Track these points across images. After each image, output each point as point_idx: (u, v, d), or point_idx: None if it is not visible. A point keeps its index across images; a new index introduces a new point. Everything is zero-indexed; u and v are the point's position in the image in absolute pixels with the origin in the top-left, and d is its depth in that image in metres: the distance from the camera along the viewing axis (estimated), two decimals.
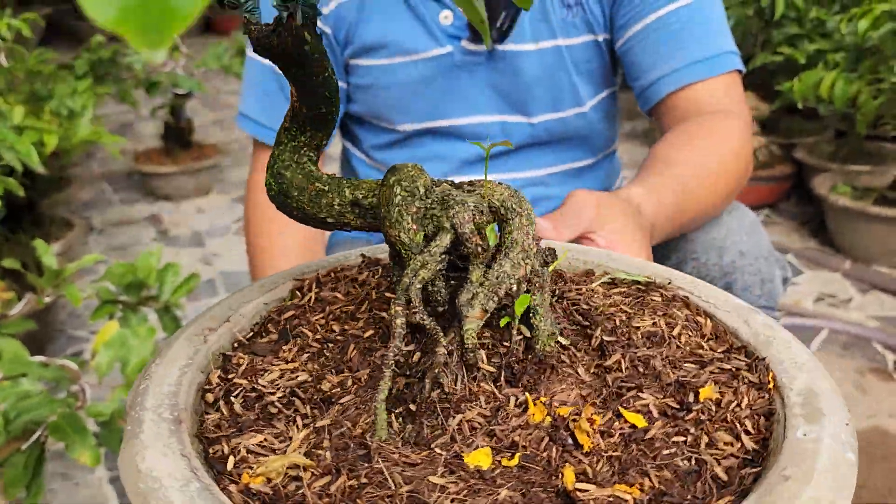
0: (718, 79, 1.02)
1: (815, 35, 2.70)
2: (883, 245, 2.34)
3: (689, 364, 0.48)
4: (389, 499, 0.37)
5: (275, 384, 0.48)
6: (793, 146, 2.92)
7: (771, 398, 0.44)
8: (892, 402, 1.76)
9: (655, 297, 0.57)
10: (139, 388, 0.46)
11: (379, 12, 1.07)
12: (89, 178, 3.50)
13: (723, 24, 1.05)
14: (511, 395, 0.45)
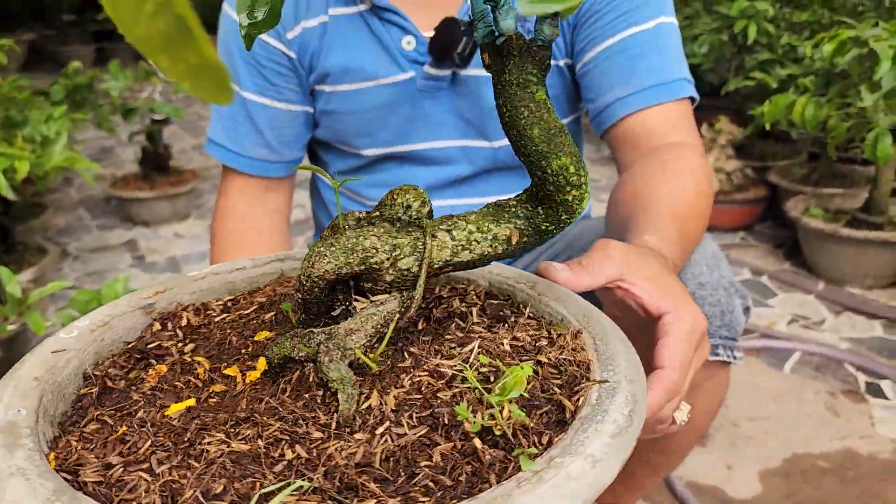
0: (673, 105, 1.03)
1: (787, 60, 2.74)
2: (854, 267, 2.36)
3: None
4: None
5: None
6: (766, 169, 2.96)
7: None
8: (863, 423, 1.77)
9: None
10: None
11: (341, 38, 1.08)
12: (67, 205, 3.48)
13: (679, 52, 1.06)
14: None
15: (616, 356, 0.51)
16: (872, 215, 2.36)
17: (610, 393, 0.47)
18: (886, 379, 1.93)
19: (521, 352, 0.53)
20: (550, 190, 0.53)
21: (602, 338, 0.54)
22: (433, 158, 1.13)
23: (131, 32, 0.26)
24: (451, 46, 1.02)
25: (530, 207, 0.55)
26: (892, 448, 1.68)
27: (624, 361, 0.51)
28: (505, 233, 0.54)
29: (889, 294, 2.36)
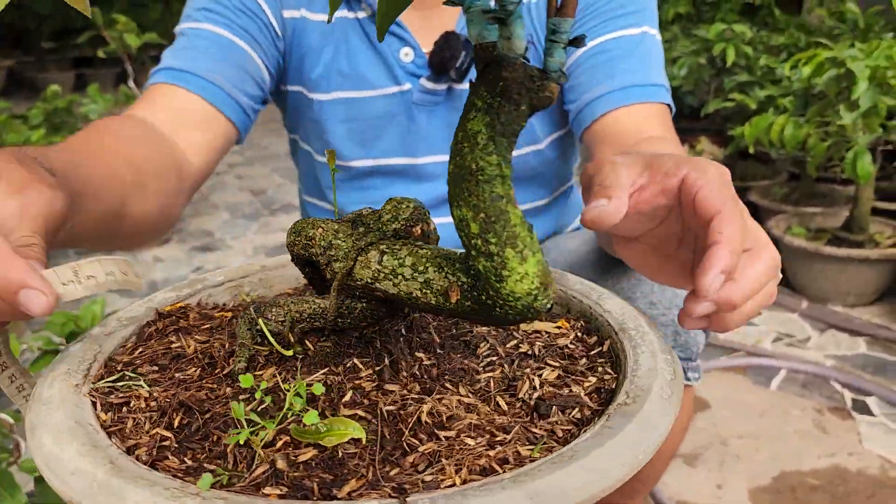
0: (652, 106, 1.01)
1: (765, 82, 2.78)
2: (837, 285, 2.37)
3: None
4: None
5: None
6: (747, 189, 2.98)
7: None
8: (851, 440, 1.76)
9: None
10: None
11: (343, 42, 1.06)
12: None
13: (660, 63, 1.06)
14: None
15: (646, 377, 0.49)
16: (853, 234, 2.38)
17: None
18: (872, 395, 1.93)
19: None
20: (470, 254, 0.43)
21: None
22: (425, 173, 1.11)
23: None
24: (451, 61, 1.01)
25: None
26: (879, 464, 1.67)
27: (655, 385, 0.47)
28: (442, 283, 0.45)
29: (872, 311, 2.37)
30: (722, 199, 0.52)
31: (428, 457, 0.42)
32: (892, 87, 2.07)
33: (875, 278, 2.34)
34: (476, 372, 0.50)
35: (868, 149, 2.13)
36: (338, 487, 0.40)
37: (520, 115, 0.41)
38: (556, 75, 0.41)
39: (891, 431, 1.78)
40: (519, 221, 0.41)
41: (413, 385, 0.48)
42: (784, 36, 3.01)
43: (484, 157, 0.41)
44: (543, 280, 0.41)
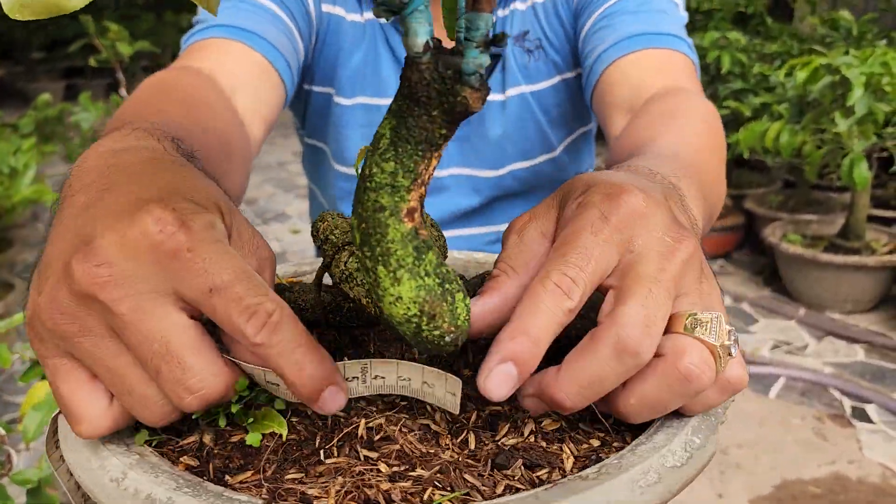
0: (665, 52, 0.86)
1: (760, 89, 2.78)
2: (834, 292, 2.37)
3: None
4: None
5: None
6: (742, 197, 2.98)
7: None
8: (851, 447, 1.75)
9: None
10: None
11: (371, 47, 1.03)
12: (34, 241, 3.40)
13: (679, 23, 0.93)
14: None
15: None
16: (850, 241, 2.38)
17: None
18: (871, 403, 1.92)
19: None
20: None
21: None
22: (441, 186, 1.08)
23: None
24: None
25: None
26: (880, 472, 1.66)
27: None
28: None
29: (869, 318, 2.37)
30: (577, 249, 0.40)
31: (331, 471, 0.39)
32: (887, 93, 2.07)
33: (872, 285, 2.34)
34: (467, 400, 0.44)
35: (864, 155, 2.13)
36: (231, 475, 0.39)
37: (432, 122, 0.36)
38: (471, 79, 0.35)
39: (890, 439, 1.77)
40: (399, 238, 0.36)
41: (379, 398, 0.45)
42: (777, 44, 3.02)
43: (378, 163, 0.37)
44: (426, 308, 0.37)
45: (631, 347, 0.37)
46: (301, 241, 3.40)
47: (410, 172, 0.36)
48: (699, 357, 0.37)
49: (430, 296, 0.37)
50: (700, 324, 0.38)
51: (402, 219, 0.36)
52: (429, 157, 0.37)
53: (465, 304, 0.38)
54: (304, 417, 0.43)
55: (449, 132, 0.36)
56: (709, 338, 0.38)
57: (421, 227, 0.37)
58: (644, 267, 0.39)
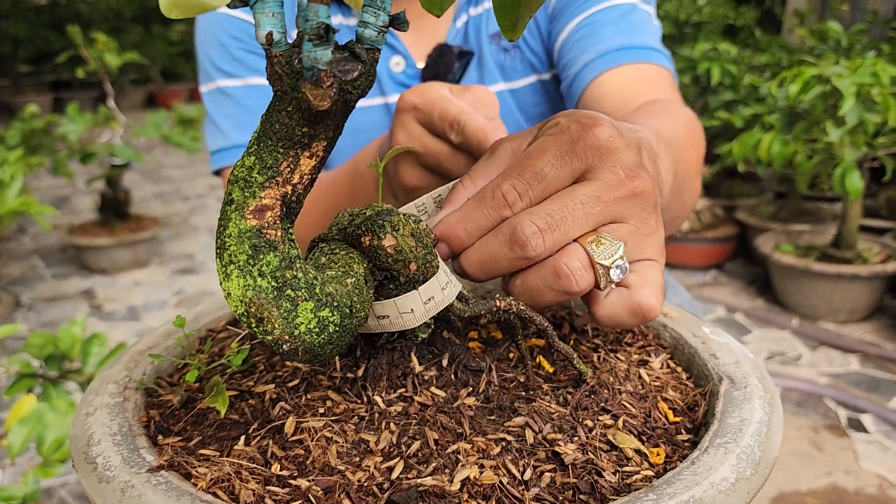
0: (645, 66, 0.90)
1: (750, 100, 2.78)
2: (827, 302, 2.36)
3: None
4: None
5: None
6: (734, 208, 2.97)
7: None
8: (847, 458, 1.74)
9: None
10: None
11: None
12: (20, 254, 3.36)
13: (656, 35, 0.97)
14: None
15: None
16: (842, 251, 2.37)
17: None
18: (866, 413, 1.91)
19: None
20: None
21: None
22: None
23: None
24: (445, 75, 0.98)
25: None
26: (877, 483, 1.64)
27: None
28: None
29: (863, 328, 2.36)
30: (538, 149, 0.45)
31: (237, 456, 0.41)
32: (877, 103, 2.07)
33: (865, 295, 2.34)
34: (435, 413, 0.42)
35: (855, 165, 2.13)
36: (164, 436, 0.43)
37: (290, 118, 0.35)
38: (308, 74, 0.33)
39: (886, 449, 1.76)
40: (236, 233, 0.36)
41: (349, 405, 0.43)
42: (767, 55, 3.03)
43: (243, 156, 0.36)
44: (252, 310, 0.35)
45: (521, 240, 0.43)
46: None
47: (268, 169, 0.35)
48: (577, 263, 0.43)
49: (258, 297, 0.35)
50: (599, 242, 0.43)
51: (245, 215, 0.36)
52: (294, 155, 0.36)
53: (315, 315, 0.36)
54: (259, 402, 0.44)
55: (312, 130, 0.35)
56: (596, 255, 0.43)
57: (270, 228, 0.36)
58: (580, 190, 0.44)
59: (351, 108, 0.36)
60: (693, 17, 3.63)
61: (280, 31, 0.33)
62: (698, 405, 0.45)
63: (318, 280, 0.37)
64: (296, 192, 0.36)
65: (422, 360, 0.45)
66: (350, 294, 0.39)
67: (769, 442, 0.39)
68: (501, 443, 0.40)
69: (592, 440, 0.41)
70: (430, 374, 0.45)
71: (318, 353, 0.37)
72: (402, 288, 0.43)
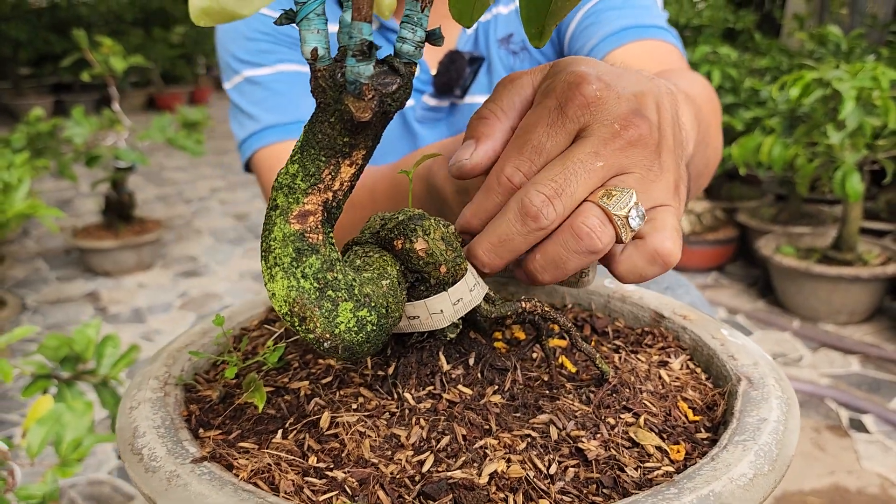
0: (651, 43, 0.90)
1: (751, 103, 2.80)
2: (828, 304, 2.38)
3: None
4: None
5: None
6: (735, 210, 2.99)
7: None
8: (849, 458, 1.75)
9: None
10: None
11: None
12: (24, 256, 3.37)
13: (657, 12, 0.97)
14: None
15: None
16: (842, 253, 2.39)
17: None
18: (867, 413, 1.92)
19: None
20: None
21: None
22: None
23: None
24: (457, 81, 1.00)
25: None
26: (879, 482, 1.66)
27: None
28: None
29: (863, 330, 2.38)
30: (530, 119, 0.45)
31: (275, 448, 0.43)
32: (877, 107, 2.10)
33: (866, 297, 2.36)
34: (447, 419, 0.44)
35: (856, 167, 2.15)
36: (204, 429, 0.45)
37: (332, 128, 0.37)
38: (352, 88, 0.35)
39: (887, 449, 1.78)
40: (281, 237, 0.38)
41: (380, 401, 0.45)
42: (767, 59, 3.05)
43: (287, 163, 0.38)
44: (295, 309, 0.38)
45: (532, 212, 0.42)
46: None
47: (310, 176, 0.38)
48: (594, 220, 0.42)
49: (301, 297, 0.37)
50: (610, 195, 0.42)
51: (289, 220, 0.38)
52: (335, 164, 0.38)
53: (354, 314, 0.39)
54: (295, 398, 0.47)
55: (353, 140, 0.37)
56: (611, 207, 0.42)
57: (312, 232, 0.38)
58: (578, 150, 0.43)
59: (389, 118, 0.38)
60: (693, 20, 3.65)
61: (324, 46, 0.35)
62: (717, 405, 0.47)
63: (356, 282, 0.39)
64: (336, 198, 0.38)
65: (449, 359, 0.47)
66: (385, 295, 0.40)
67: (786, 440, 0.41)
68: (527, 439, 0.42)
69: (615, 437, 0.43)
70: (457, 372, 0.46)
71: (356, 351, 0.39)
72: (433, 290, 0.45)
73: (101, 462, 1.80)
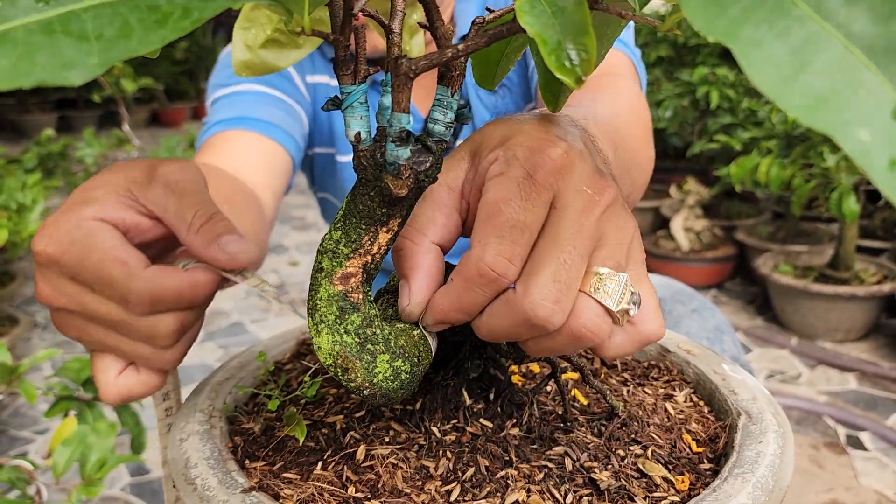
0: (611, 51, 0.88)
1: (748, 124, 2.86)
2: (825, 321, 2.42)
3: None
4: None
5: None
6: (733, 228, 3.04)
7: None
8: (847, 475, 1.79)
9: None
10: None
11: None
12: (32, 273, 3.41)
13: (627, 33, 0.97)
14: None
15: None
16: (839, 271, 2.44)
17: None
18: (865, 430, 1.96)
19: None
20: None
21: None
22: None
23: None
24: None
25: None
26: (876, 499, 1.70)
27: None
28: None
29: (860, 347, 2.42)
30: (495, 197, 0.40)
31: (316, 479, 0.47)
32: None
33: (862, 315, 2.40)
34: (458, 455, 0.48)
35: (852, 189, 2.20)
36: (250, 460, 0.49)
37: (371, 200, 0.41)
38: (391, 168, 0.40)
39: (884, 466, 1.82)
40: (326, 297, 0.42)
41: (409, 434, 0.49)
42: None
43: (331, 231, 0.42)
44: (339, 361, 0.41)
45: (539, 324, 0.39)
46: (299, 272, 3.43)
47: (352, 242, 0.42)
48: (594, 320, 0.39)
49: (344, 351, 0.42)
50: (601, 281, 0.40)
51: (333, 282, 0.42)
52: (374, 231, 0.42)
53: (390, 365, 0.43)
54: (331, 431, 0.51)
55: (391, 211, 0.42)
56: (608, 301, 0.40)
57: (353, 292, 0.43)
58: (563, 227, 0.39)
59: (423, 191, 0.42)
60: (691, 39, 3.71)
61: (366, 130, 0.40)
62: (719, 437, 0.51)
63: (392, 335, 0.44)
64: (374, 261, 0.43)
65: (471, 394, 0.51)
66: (417, 344, 0.45)
67: (781, 472, 0.45)
68: (544, 469, 0.46)
69: (624, 468, 0.47)
70: (478, 406, 0.51)
71: (392, 397, 0.44)
72: (458, 335, 0.49)
73: (114, 479, 1.84)
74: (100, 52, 0.28)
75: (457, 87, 0.41)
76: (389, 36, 0.39)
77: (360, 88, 0.40)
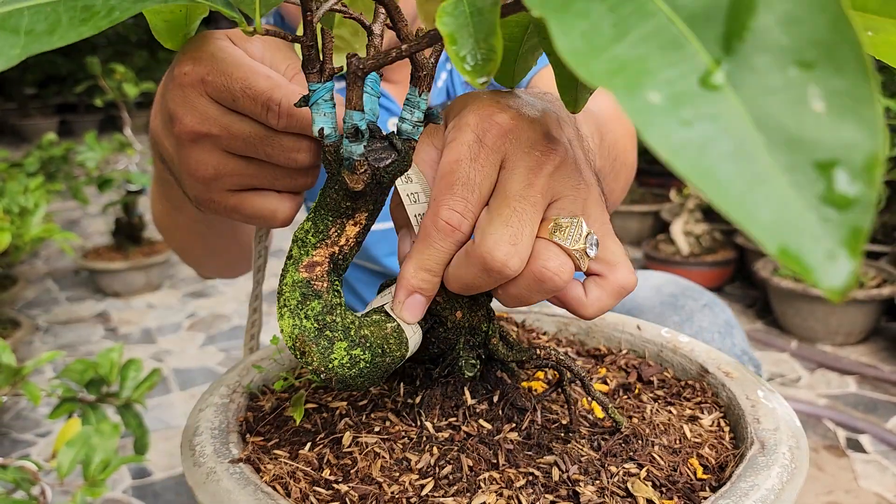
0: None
1: None
2: (825, 325, 2.43)
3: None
4: None
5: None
6: (733, 232, 3.05)
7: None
8: (847, 478, 1.80)
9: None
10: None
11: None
12: (34, 277, 3.42)
13: None
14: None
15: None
16: None
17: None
18: (864, 433, 1.97)
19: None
20: None
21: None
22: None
23: None
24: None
25: None
26: (876, 502, 1.70)
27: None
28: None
29: (859, 350, 2.43)
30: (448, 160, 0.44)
31: (303, 460, 0.48)
32: None
33: (862, 318, 2.40)
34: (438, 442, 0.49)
35: None
36: (251, 434, 0.51)
37: (336, 194, 0.44)
38: (346, 163, 0.42)
39: (884, 469, 1.82)
40: (291, 282, 0.44)
41: (402, 427, 0.50)
42: None
43: (304, 221, 0.45)
44: (297, 344, 0.43)
45: (496, 267, 0.42)
46: None
47: (320, 233, 0.45)
48: (554, 261, 0.42)
49: (302, 335, 0.44)
50: (560, 229, 0.43)
51: (299, 269, 0.45)
52: (340, 223, 0.45)
53: (348, 353, 0.44)
54: (330, 415, 0.53)
55: (354, 204, 0.44)
56: (565, 242, 0.43)
57: (318, 280, 0.45)
58: (512, 184, 0.43)
59: (387, 187, 0.44)
60: None
61: (330, 126, 0.43)
62: (729, 465, 0.48)
63: (354, 324, 0.45)
64: (342, 252, 0.45)
65: (475, 394, 0.52)
66: (387, 336, 0.46)
67: None
68: (528, 476, 0.45)
69: (611, 485, 0.45)
70: (481, 407, 0.51)
71: (351, 384, 0.45)
72: (450, 332, 0.50)
73: (116, 481, 1.84)
74: (24, 45, 0.31)
75: (424, 87, 0.43)
76: (370, 37, 0.41)
77: (326, 86, 0.42)
